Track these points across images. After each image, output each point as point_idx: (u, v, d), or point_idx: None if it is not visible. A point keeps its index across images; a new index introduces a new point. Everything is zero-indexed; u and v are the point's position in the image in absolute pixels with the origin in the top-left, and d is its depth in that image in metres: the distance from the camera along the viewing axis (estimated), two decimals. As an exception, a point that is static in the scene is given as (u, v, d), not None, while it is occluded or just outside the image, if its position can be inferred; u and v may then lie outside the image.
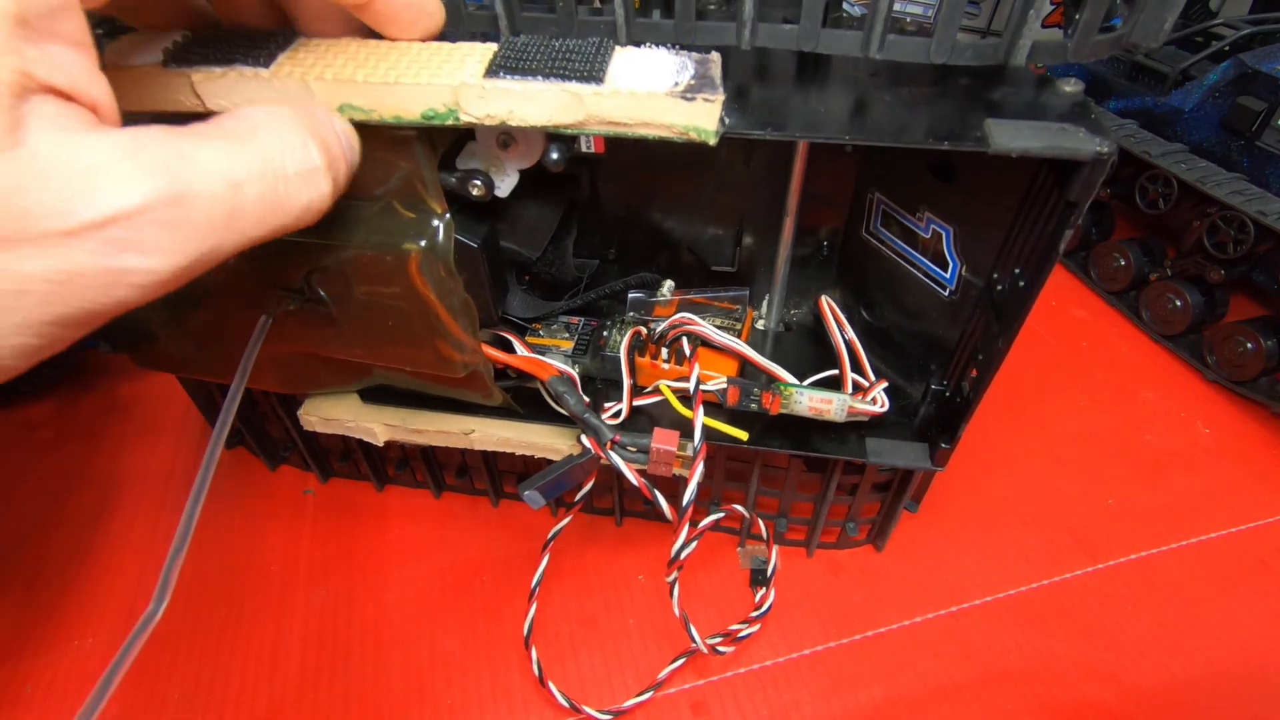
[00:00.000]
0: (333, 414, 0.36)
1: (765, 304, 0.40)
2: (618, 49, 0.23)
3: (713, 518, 0.35)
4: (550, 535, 0.36)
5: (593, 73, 0.21)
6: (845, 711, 0.34)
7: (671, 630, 0.37)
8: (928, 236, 0.33)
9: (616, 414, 0.35)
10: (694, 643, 0.34)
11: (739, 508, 0.35)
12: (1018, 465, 0.45)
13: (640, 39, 0.27)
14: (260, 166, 0.17)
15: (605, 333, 0.37)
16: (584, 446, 0.30)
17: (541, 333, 0.37)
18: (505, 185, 0.27)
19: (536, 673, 0.34)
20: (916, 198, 0.33)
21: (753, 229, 0.39)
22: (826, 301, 0.37)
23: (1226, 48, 0.50)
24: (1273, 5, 0.55)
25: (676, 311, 0.36)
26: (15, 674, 0.36)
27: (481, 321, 0.28)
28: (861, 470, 0.35)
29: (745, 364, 0.34)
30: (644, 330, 0.35)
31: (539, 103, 0.22)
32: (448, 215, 0.25)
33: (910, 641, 0.37)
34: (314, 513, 0.43)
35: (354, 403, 0.36)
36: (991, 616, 0.38)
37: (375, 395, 0.36)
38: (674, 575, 0.32)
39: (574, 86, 0.21)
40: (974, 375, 0.31)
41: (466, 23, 0.28)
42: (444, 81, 0.21)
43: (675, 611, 0.33)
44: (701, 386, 0.31)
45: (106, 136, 0.15)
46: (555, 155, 0.25)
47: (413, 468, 0.43)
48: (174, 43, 0.22)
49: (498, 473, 0.41)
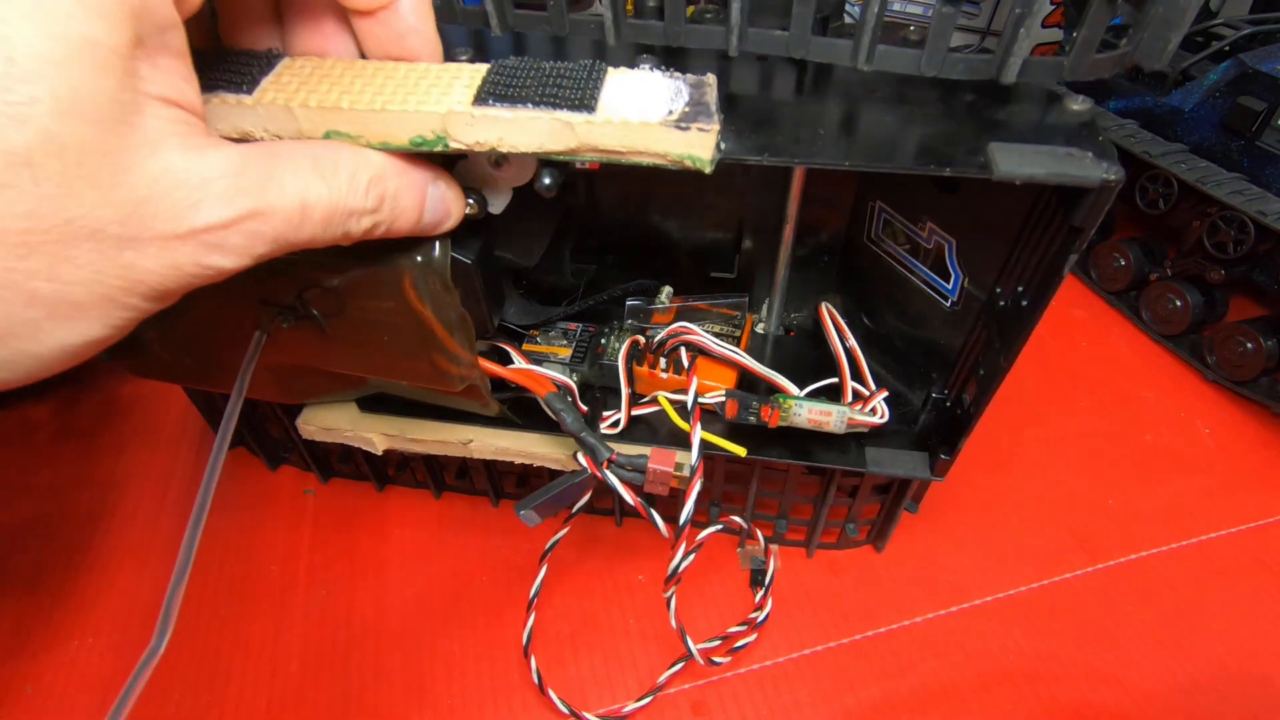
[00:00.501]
0: (331, 423, 0.36)
1: (765, 308, 0.40)
2: (610, 72, 0.22)
3: (710, 530, 0.35)
4: (548, 546, 0.35)
5: (584, 100, 0.21)
6: (845, 711, 0.34)
7: (671, 630, 0.37)
8: (930, 247, 0.33)
9: (615, 423, 0.35)
10: (690, 653, 0.34)
11: (737, 519, 0.35)
12: (1018, 465, 0.45)
13: (630, 39, 0.27)
14: (329, 199, 0.19)
15: (603, 340, 0.37)
16: (580, 465, 0.30)
17: (539, 340, 0.37)
18: (499, 203, 0.26)
19: (536, 681, 0.34)
20: (919, 208, 0.33)
21: (752, 234, 0.39)
22: (827, 309, 0.37)
23: (1226, 48, 0.50)
24: (1273, 5, 0.55)
25: (675, 318, 0.36)
26: (15, 674, 0.36)
27: (477, 334, 0.28)
28: (861, 474, 0.35)
29: (744, 372, 0.34)
30: (642, 340, 0.34)
31: (529, 130, 0.21)
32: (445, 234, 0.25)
33: (910, 641, 0.37)
34: (314, 513, 0.43)
35: (352, 412, 0.36)
36: (991, 616, 0.38)
37: (373, 404, 0.36)
38: (671, 591, 0.32)
39: (565, 115, 0.21)
40: (975, 390, 0.30)
41: (461, 19, 0.28)
42: (431, 109, 0.20)
43: (673, 624, 0.33)
44: (700, 400, 0.31)
45: (219, 152, 0.18)
46: (548, 180, 0.24)
47: (413, 469, 0.43)
48: None
49: (498, 474, 0.41)
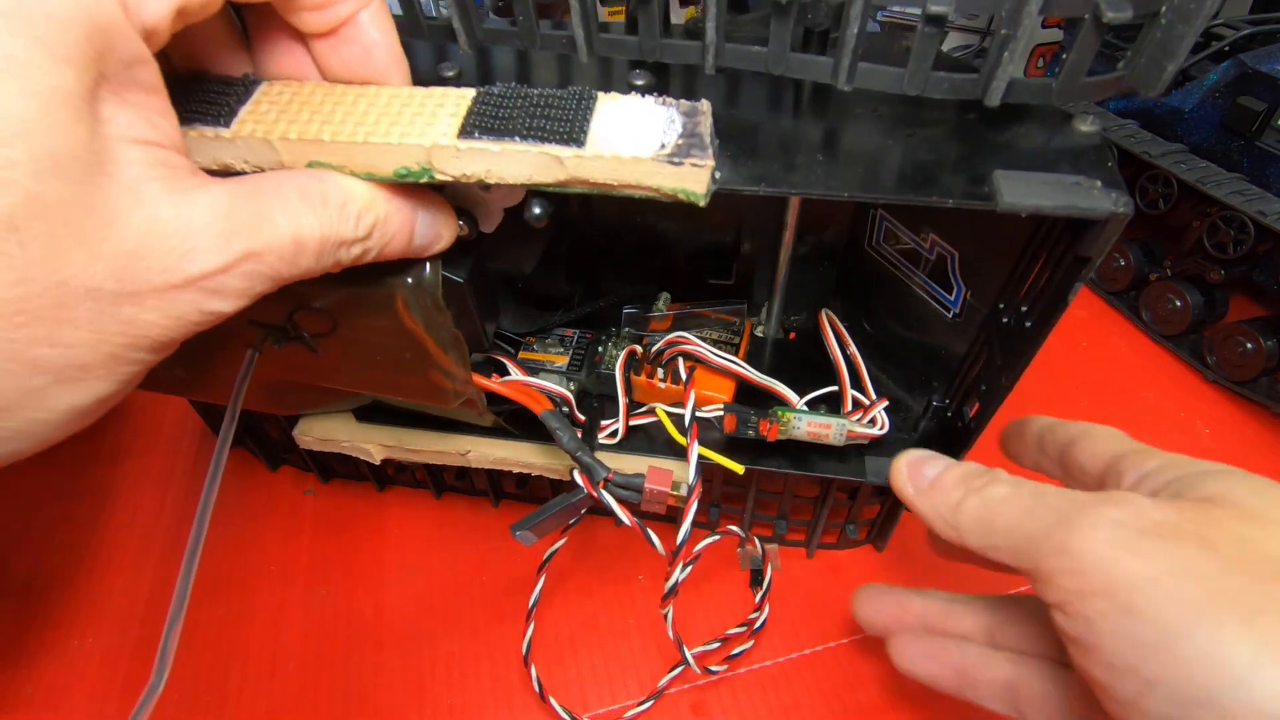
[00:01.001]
0: (328, 434, 0.36)
1: (764, 311, 0.40)
2: (601, 99, 0.21)
3: (707, 541, 0.34)
4: (546, 557, 0.35)
5: (573, 133, 0.20)
6: (845, 711, 0.34)
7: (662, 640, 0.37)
8: (932, 257, 0.33)
9: (613, 433, 0.34)
10: (686, 661, 0.34)
11: (735, 528, 0.35)
12: (1018, 465, 0.45)
13: (604, 54, 0.26)
14: (320, 231, 0.19)
15: (600, 348, 0.36)
16: (577, 483, 0.29)
17: (535, 347, 0.37)
18: (490, 223, 0.26)
19: (537, 688, 0.34)
20: (921, 217, 0.32)
21: (751, 239, 0.39)
22: (827, 316, 0.36)
23: (1226, 48, 0.50)
24: (1273, 5, 0.55)
25: (673, 325, 0.36)
26: (15, 674, 0.36)
27: (472, 349, 0.27)
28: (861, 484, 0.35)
29: (743, 381, 0.34)
30: (639, 349, 0.34)
31: (518, 163, 0.20)
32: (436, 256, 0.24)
33: (910, 642, 0.37)
34: (314, 513, 0.43)
35: (349, 423, 0.36)
36: (991, 617, 0.38)
37: (370, 414, 0.36)
38: (668, 607, 0.31)
39: (553, 149, 0.20)
40: (976, 407, 0.30)
41: (427, 34, 0.27)
42: (416, 141, 0.20)
43: (670, 635, 0.33)
44: (697, 414, 0.30)
45: (205, 194, 0.17)
46: (537, 211, 0.24)
47: (412, 470, 0.43)
48: None
49: (497, 476, 0.41)
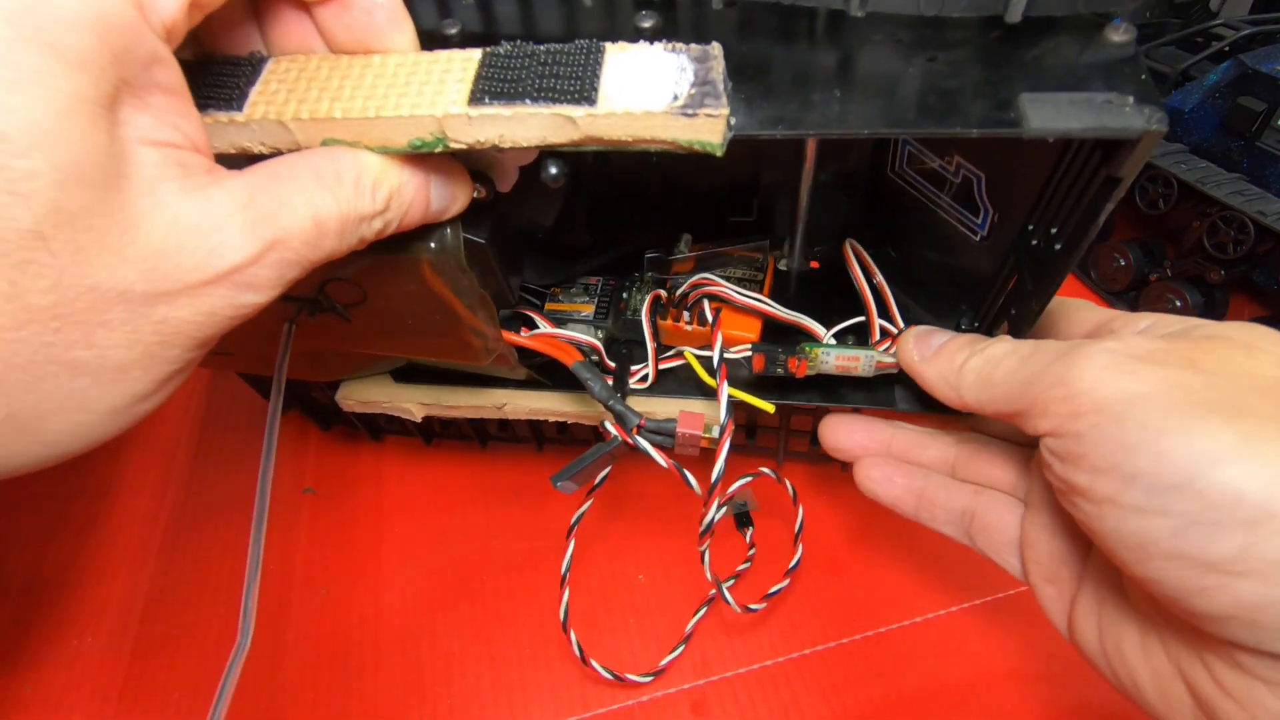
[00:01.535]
0: (369, 396, 0.37)
1: (787, 245, 0.39)
2: (609, 50, 0.21)
3: (740, 483, 0.35)
4: (574, 520, 0.35)
5: (584, 91, 0.20)
6: (845, 711, 0.34)
7: (671, 627, 0.37)
8: (958, 181, 0.32)
9: (644, 378, 0.34)
10: (726, 601, 0.34)
11: (766, 470, 0.35)
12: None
13: None
14: (339, 209, 0.19)
15: (625, 294, 0.36)
16: (611, 432, 0.30)
17: (560, 298, 0.37)
18: (506, 183, 0.26)
19: (578, 653, 0.35)
20: (945, 141, 0.31)
21: (770, 174, 0.38)
22: (851, 246, 0.36)
23: (1226, 48, 0.50)
24: (1273, 5, 0.56)
25: (696, 266, 0.35)
26: (15, 674, 0.36)
27: (499, 305, 0.28)
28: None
29: (769, 319, 0.34)
30: (664, 293, 0.34)
31: (530, 126, 0.20)
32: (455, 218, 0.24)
33: (910, 641, 0.37)
34: (312, 511, 0.43)
35: (388, 384, 0.37)
36: (993, 616, 0.38)
37: (407, 375, 0.37)
38: (705, 545, 0.32)
39: (565, 109, 0.20)
40: (1005, 330, 0.29)
41: None
42: (427, 111, 0.20)
43: (708, 576, 0.33)
44: (725, 355, 0.30)
45: (223, 187, 0.17)
46: (554, 171, 0.24)
47: (458, 424, 0.44)
48: None
49: (538, 424, 0.42)
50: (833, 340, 0.33)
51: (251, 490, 0.44)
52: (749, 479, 0.35)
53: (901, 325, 0.33)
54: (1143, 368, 0.19)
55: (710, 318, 0.32)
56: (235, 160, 0.19)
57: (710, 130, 0.20)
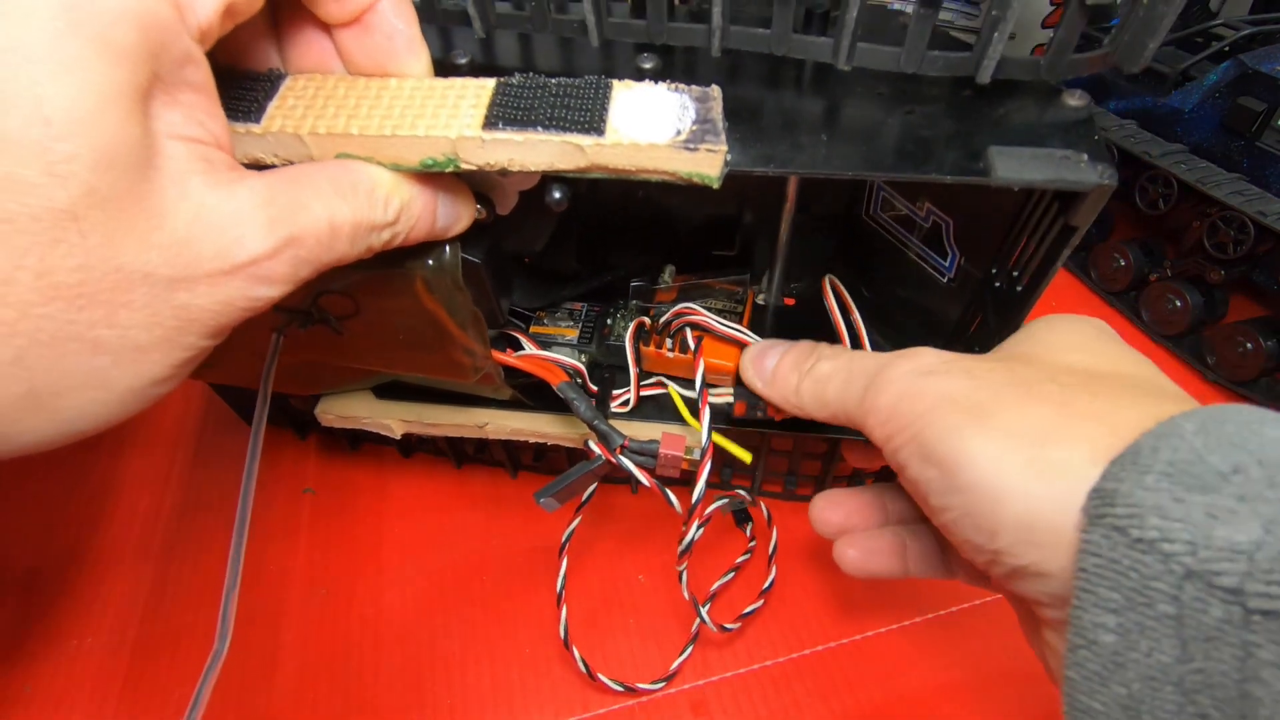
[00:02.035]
0: (349, 411, 0.37)
1: (766, 280, 0.40)
2: (616, 87, 0.22)
3: (717, 505, 0.35)
4: (565, 537, 0.35)
5: (593, 122, 0.21)
6: (845, 711, 0.34)
7: (673, 629, 0.37)
8: (927, 225, 0.33)
9: (625, 402, 0.35)
10: (702, 620, 0.34)
11: (742, 493, 0.35)
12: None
13: (612, 37, 0.27)
14: (353, 217, 0.20)
15: (609, 320, 0.37)
16: (594, 451, 0.30)
17: (545, 321, 0.37)
18: (506, 206, 0.27)
19: (583, 669, 0.34)
20: (917, 188, 0.33)
21: (752, 211, 0.39)
22: (830, 282, 0.37)
23: (1226, 48, 0.50)
24: (1273, 5, 0.55)
25: (678, 296, 0.37)
26: (15, 674, 0.36)
27: (488, 325, 0.28)
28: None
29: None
30: (647, 320, 0.35)
31: (539, 152, 0.21)
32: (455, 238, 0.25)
33: (910, 641, 0.37)
34: (312, 512, 0.43)
35: (369, 400, 0.37)
36: (992, 616, 0.38)
37: (389, 391, 0.37)
38: (684, 565, 0.32)
39: (575, 138, 0.21)
40: None
41: (440, 18, 0.28)
42: (441, 133, 0.21)
43: (685, 595, 0.33)
44: (711, 398, 0.31)
45: (245, 185, 0.18)
46: (557, 195, 0.25)
47: (434, 442, 0.43)
48: None
49: (514, 447, 0.42)
50: None
51: (265, 473, 0.44)
52: (724, 501, 0.35)
53: None
54: (926, 382, 0.22)
55: (693, 345, 0.33)
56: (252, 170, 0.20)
57: (709, 164, 0.21)
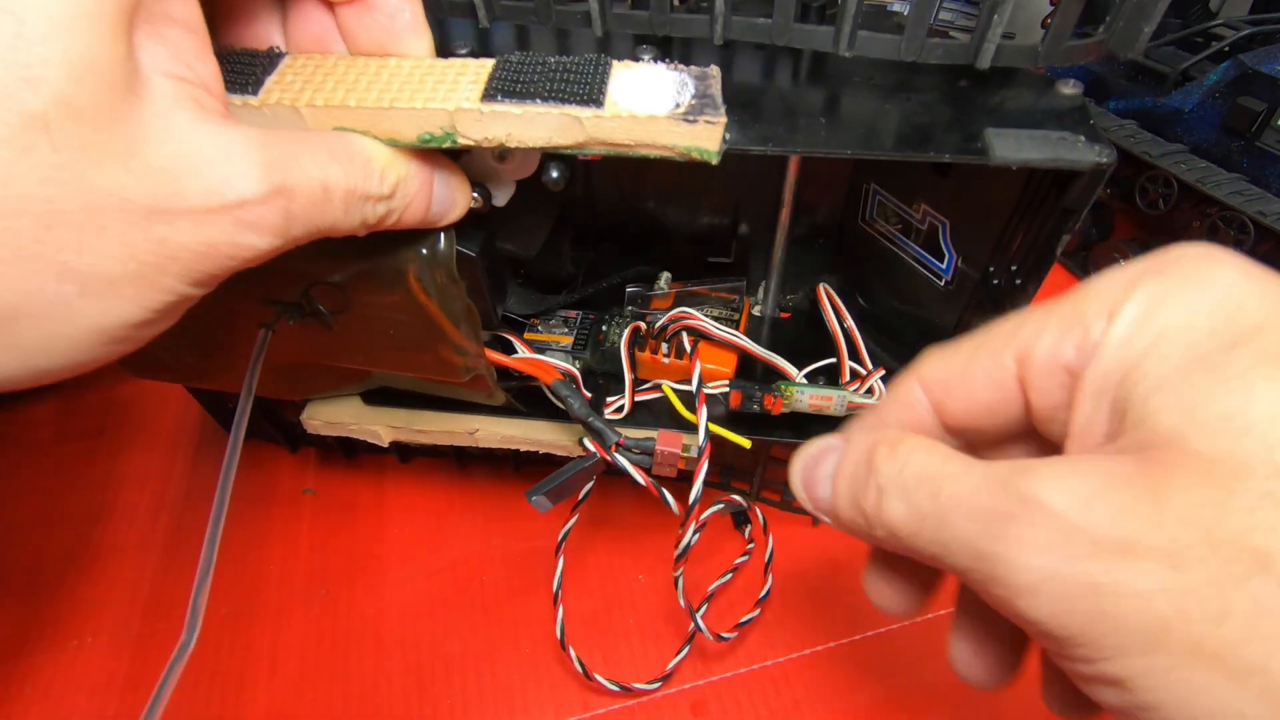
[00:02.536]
0: (335, 417, 0.36)
1: (762, 290, 0.40)
2: (615, 65, 0.22)
3: (714, 509, 0.35)
4: (561, 536, 0.35)
5: (592, 95, 0.21)
6: (845, 711, 0.34)
7: (672, 628, 0.37)
8: (923, 228, 0.34)
9: (619, 409, 0.35)
10: (699, 628, 0.34)
11: (738, 498, 0.35)
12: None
13: (616, 29, 0.27)
14: (347, 182, 0.19)
15: (604, 327, 0.37)
16: (588, 449, 0.30)
17: (540, 328, 0.37)
18: (502, 196, 0.26)
19: (580, 668, 0.34)
20: (912, 190, 0.33)
21: (748, 219, 0.40)
22: (825, 290, 0.37)
23: (1226, 48, 0.50)
24: (1273, 5, 0.55)
25: (674, 303, 0.37)
26: (15, 674, 0.36)
27: (482, 325, 0.28)
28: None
29: (744, 355, 0.35)
30: (643, 325, 0.35)
31: (538, 125, 0.21)
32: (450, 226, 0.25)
33: (910, 641, 0.37)
34: (313, 512, 0.43)
35: (356, 405, 0.36)
36: (992, 617, 0.38)
37: (377, 396, 0.36)
38: (679, 571, 0.32)
39: (574, 109, 0.21)
40: None
41: (447, 10, 0.29)
42: (440, 106, 0.20)
43: (681, 603, 0.33)
44: (704, 387, 0.31)
45: (238, 129, 0.17)
46: (555, 174, 0.25)
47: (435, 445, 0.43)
48: None
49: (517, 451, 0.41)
50: (805, 380, 0.34)
51: (253, 491, 0.44)
52: (721, 505, 0.35)
53: (870, 366, 0.34)
54: (1095, 568, 0.13)
55: (690, 349, 0.33)
56: None
57: (708, 138, 0.21)
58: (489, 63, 0.22)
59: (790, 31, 0.26)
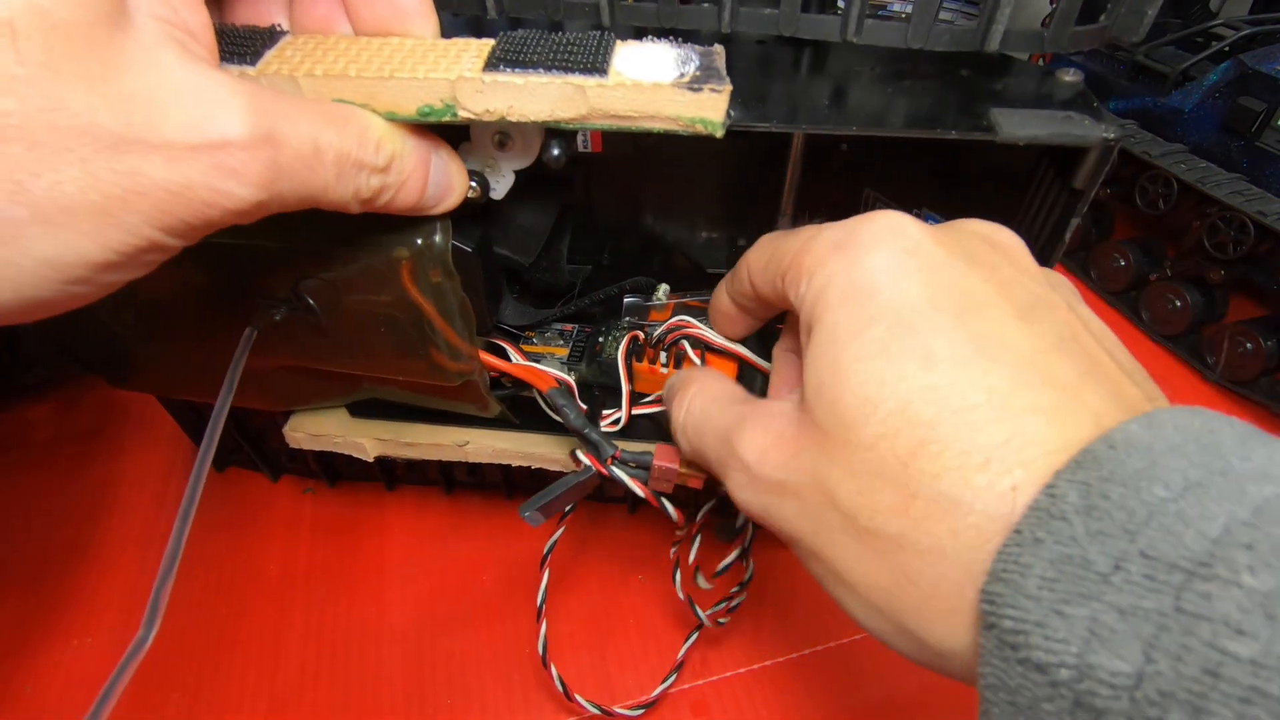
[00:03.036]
0: (320, 430, 0.35)
1: None
2: (619, 42, 0.22)
3: (707, 507, 0.35)
4: (547, 549, 0.35)
5: (595, 65, 0.21)
6: (845, 711, 0.34)
7: (670, 624, 0.37)
8: None
9: (616, 421, 0.34)
10: (701, 621, 0.33)
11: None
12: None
13: (624, 21, 0.27)
14: (340, 146, 0.19)
15: (601, 339, 0.36)
16: (583, 463, 0.29)
17: (535, 340, 0.36)
18: (501, 187, 0.26)
19: (560, 688, 0.33)
20: (913, 195, 0.33)
21: (747, 230, 0.39)
22: None
23: (1226, 48, 0.50)
24: (1273, 5, 0.55)
25: (672, 315, 0.36)
26: (14, 674, 0.36)
27: (476, 328, 0.28)
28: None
29: (744, 364, 0.34)
30: (641, 335, 0.34)
31: (540, 96, 0.21)
32: (446, 216, 0.24)
33: (910, 642, 0.37)
34: (313, 513, 0.43)
35: (342, 417, 0.35)
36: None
37: (364, 409, 0.35)
38: (677, 571, 0.32)
39: (577, 79, 0.20)
40: None
41: (456, 4, 0.29)
42: (441, 76, 0.20)
43: (680, 595, 0.32)
44: None
45: (225, 74, 0.17)
46: (556, 151, 0.24)
47: (424, 467, 0.42)
48: None
49: (511, 468, 0.40)
50: None
51: (253, 490, 0.44)
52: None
53: None
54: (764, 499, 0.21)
55: (698, 360, 0.32)
56: None
57: (713, 107, 0.21)
58: (491, 41, 0.22)
59: (797, 21, 0.26)
